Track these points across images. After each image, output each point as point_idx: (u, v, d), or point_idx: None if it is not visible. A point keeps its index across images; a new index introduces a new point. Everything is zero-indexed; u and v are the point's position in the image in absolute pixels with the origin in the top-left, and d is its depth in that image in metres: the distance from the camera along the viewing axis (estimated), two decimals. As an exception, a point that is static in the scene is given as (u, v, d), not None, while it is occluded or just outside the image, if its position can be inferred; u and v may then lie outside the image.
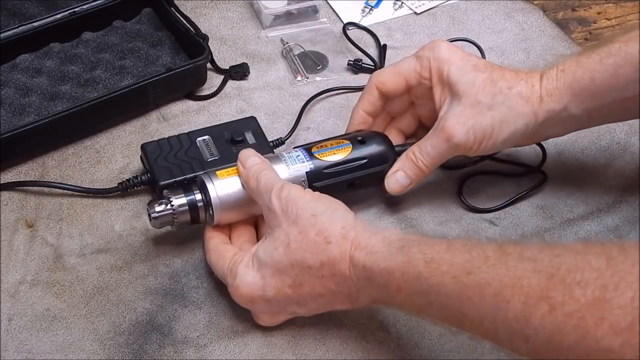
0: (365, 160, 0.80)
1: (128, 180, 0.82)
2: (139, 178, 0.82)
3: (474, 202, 0.85)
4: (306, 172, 0.78)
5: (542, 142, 0.88)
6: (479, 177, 0.87)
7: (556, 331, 0.53)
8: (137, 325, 0.74)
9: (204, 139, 0.83)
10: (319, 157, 0.79)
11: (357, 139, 0.81)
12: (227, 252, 0.74)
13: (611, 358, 0.50)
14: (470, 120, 0.76)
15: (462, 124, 0.76)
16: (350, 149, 0.80)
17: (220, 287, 0.76)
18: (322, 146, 0.80)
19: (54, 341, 0.73)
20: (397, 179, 0.80)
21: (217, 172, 0.76)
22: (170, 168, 0.80)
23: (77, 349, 0.72)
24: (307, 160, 0.78)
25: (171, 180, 0.80)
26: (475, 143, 0.77)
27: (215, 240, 0.76)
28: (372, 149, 0.81)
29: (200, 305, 0.76)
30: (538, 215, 0.84)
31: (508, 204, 0.85)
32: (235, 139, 0.83)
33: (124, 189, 0.83)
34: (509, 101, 0.76)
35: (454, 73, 0.78)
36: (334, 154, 0.79)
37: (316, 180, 0.78)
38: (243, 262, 0.71)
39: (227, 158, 0.82)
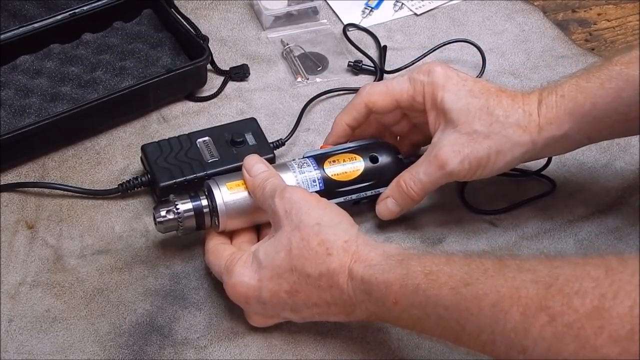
0: (375, 181, 0.80)
1: (128, 181, 0.82)
2: (139, 179, 0.82)
3: (474, 203, 0.85)
4: (315, 192, 0.77)
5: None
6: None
7: (555, 342, 0.53)
8: (137, 326, 0.74)
9: (204, 140, 0.83)
10: (330, 175, 0.78)
11: (369, 155, 0.80)
12: (225, 251, 0.74)
13: None
14: (466, 148, 0.75)
15: (457, 152, 0.75)
16: (362, 169, 0.80)
17: (220, 288, 0.76)
18: (334, 161, 0.79)
19: (54, 342, 0.73)
20: (387, 206, 0.79)
21: (226, 182, 0.75)
22: (171, 169, 0.80)
23: (77, 350, 0.72)
24: (317, 175, 0.78)
25: (172, 182, 0.80)
26: (470, 171, 0.76)
27: (214, 241, 0.76)
28: (383, 168, 0.80)
29: (201, 307, 0.76)
30: (538, 216, 0.84)
31: (512, 208, 0.85)
32: (235, 140, 0.83)
33: (125, 190, 0.83)
34: (506, 130, 0.75)
35: (449, 100, 0.76)
36: (346, 172, 0.79)
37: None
38: (241, 261, 0.71)
39: (228, 159, 0.82)
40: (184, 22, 0.97)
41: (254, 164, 0.75)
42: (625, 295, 0.51)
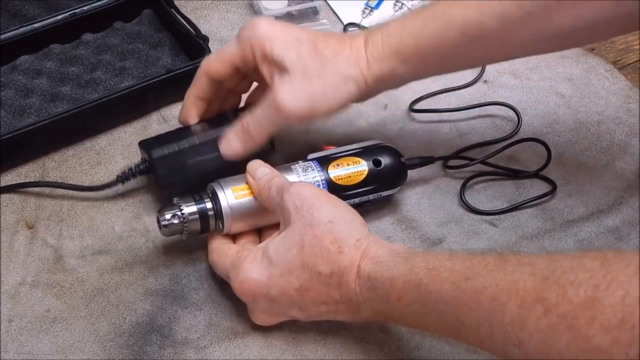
0: (378, 185, 0.80)
1: (126, 171, 0.81)
2: (136, 168, 0.81)
3: (474, 203, 0.85)
4: None
5: (548, 148, 0.88)
6: (480, 178, 0.88)
7: (550, 333, 0.53)
8: (137, 326, 0.74)
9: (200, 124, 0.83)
10: (334, 178, 0.78)
11: (372, 158, 0.80)
12: (230, 249, 0.74)
13: (601, 357, 0.50)
14: (301, 89, 0.76)
15: (292, 94, 0.76)
16: (366, 173, 0.80)
17: (220, 288, 0.77)
18: (338, 164, 0.79)
19: (54, 342, 0.73)
20: (230, 144, 0.80)
21: (230, 184, 0.75)
22: (165, 146, 0.80)
23: (77, 350, 0.72)
24: (321, 178, 0.78)
25: (165, 152, 0.79)
26: (307, 110, 0.76)
27: (218, 241, 0.76)
28: (387, 172, 0.80)
29: (201, 307, 0.76)
30: (538, 216, 0.85)
31: (512, 208, 0.85)
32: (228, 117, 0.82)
33: (123, 181, 0.81)
34: (337, 67, 0.76)
35: (278, 49, 0.76)
36: (350, 176, 0.79)
37: None
38: (249, 257, 0.70)
39: (220, 127, 0.81)
40: (184, 22, 0.97)
41: (257, 167, 0.75)
42: (618, 286, 0.51)
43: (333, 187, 0.78)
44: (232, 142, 0.79)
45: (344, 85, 0.76)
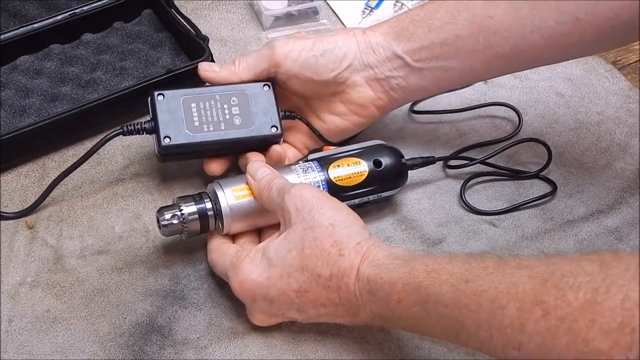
0: (379, 186, 0.80)
1: (130, 123, 0.81)
2: (141, 124, 0.80)
3: (474, 204, 0.85)
4: None
5: (549, 148, 0.88)
6: (480, 178, 0.88)
7: (549, 336, 0.53)
8: (137, 326, 0.74)
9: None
10: (335, 179, 0.78)
11: (373, 159, 0.80)
12: (229, 249, 0.74)
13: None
14: (297, 43, 0.80)
15: (285, 42, 0.80)
16: (366, 173, 0.79)
17: (220, 288, 0.77)
18: (339, 165, 0.79)
19: (54, 342, 0.73)
20: (211, 67, 0.83)
21: (230, 185, 0.75)
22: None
23: (77, 350, 0.72)
24: (322, 178, 0.78)
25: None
26: (294, 62, 0.80)
27: (217, 240, 0.76)
28: (387, 173, 0.80)
29: (201, 307, 0.76)
30: (538, 216, 0.85)
31: (512, 208, 0.85)
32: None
33: (127, 133, 0.80)
34: (333, 34, 0.82)
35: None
36: (350, 177, 0.79)
37: None
38: (248, 257, 0.71)
39: None
40: (184, 23, 0.97)
41: (258, 168, 0.75)
42: (618, 289, 0.51)
43: (333, 188, 0.78)
44: (214, 67, 0.82)
45: (333, 45, 0.80)
